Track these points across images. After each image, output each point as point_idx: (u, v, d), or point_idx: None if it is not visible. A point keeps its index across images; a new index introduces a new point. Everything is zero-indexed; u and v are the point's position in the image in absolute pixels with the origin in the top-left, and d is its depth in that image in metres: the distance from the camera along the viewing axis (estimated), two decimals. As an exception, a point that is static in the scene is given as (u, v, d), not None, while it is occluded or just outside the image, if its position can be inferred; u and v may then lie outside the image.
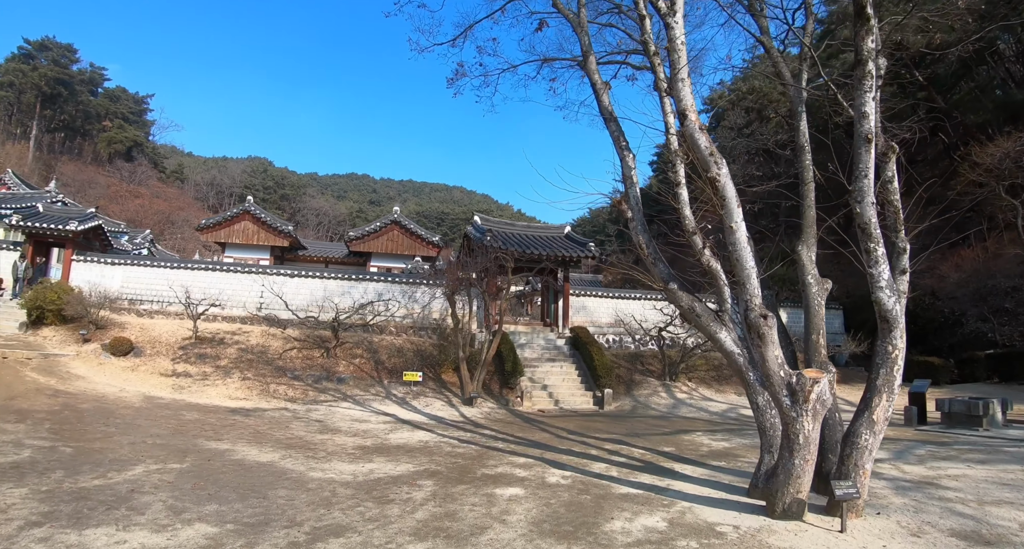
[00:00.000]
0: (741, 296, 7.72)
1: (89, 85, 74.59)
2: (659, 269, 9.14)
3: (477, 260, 20.12)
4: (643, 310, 25.87)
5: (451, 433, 14.38)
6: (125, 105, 76.00)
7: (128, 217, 57.71)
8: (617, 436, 14.38)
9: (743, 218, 7.54)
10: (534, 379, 21.09)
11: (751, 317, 7.43)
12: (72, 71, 70.69)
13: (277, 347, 22.37)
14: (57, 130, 71.92)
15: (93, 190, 61.63)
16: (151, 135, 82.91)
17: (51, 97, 67.05)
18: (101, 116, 74.35)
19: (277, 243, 32.37)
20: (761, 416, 8.59)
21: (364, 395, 19.20)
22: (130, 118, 75.07)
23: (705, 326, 8.69)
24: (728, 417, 18.80)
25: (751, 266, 7.60)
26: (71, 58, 70.61)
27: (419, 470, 10.23)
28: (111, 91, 76.63)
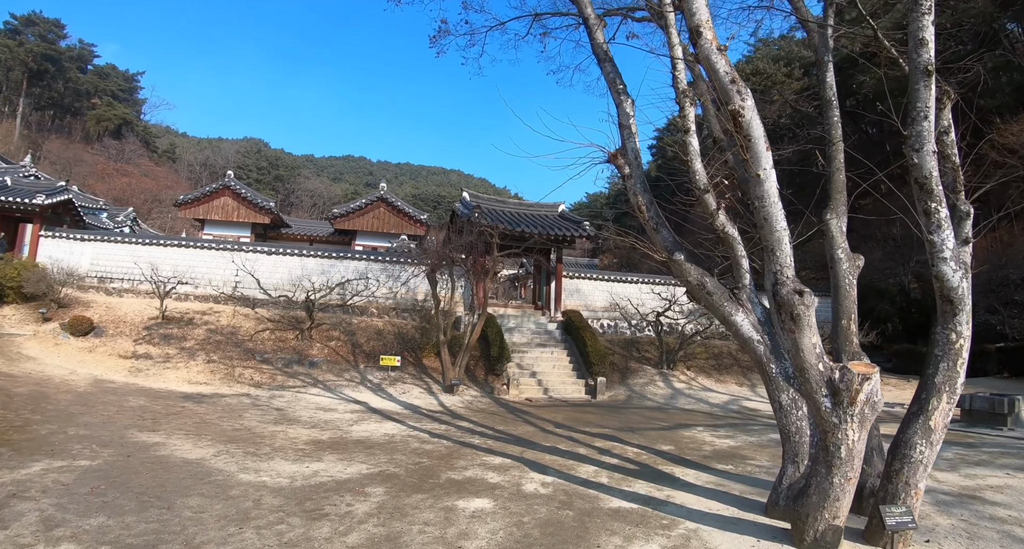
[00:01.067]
0: (769, 266, 5.97)
1: (78, 62, 72.02)
2: (661, 236, 7.38)
3: (463, 237, 18.36)
4: (640, 294, 24.14)
5: (424, 425, 12.69)
6: (115, 82, 73.41)
7: (115, 196, 55.76)
8: (609, 431, 12.70)
9: (772, 165, 5.76)
10: (522, 365, 19.40)
11: (782, 293, 5.70)
12: (60, 47, 68.15)
13: (249, 328, 20.68)
14: (46, 108, 69.62)
15: (79, 168, 59.51)
16: (142, 114, 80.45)
17: (38, 73, 64.67)
18: (91, 94, 71.96)
19: (258, 220, 30.56)
20: (785, 418, 6.87)
21: (336, 381, 17.50)
22: (119, 96, 72.54)
23: (717, 306, 6.96)
24: (730, 410, 17.13)
25: (782, 227, 5.85)
26: (59, 34, 68.07)
27: (373, 473, 8.53)
28: (100, 68, 74.03)
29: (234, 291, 22.97)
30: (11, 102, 65.10)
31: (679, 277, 7.22)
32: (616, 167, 7.87)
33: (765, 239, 5.84)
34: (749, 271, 7.15)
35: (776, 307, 5.79)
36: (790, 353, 5.83)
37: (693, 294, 7.21)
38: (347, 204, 32.26)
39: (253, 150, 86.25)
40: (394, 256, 23.14)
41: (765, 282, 6.12)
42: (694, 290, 7.15)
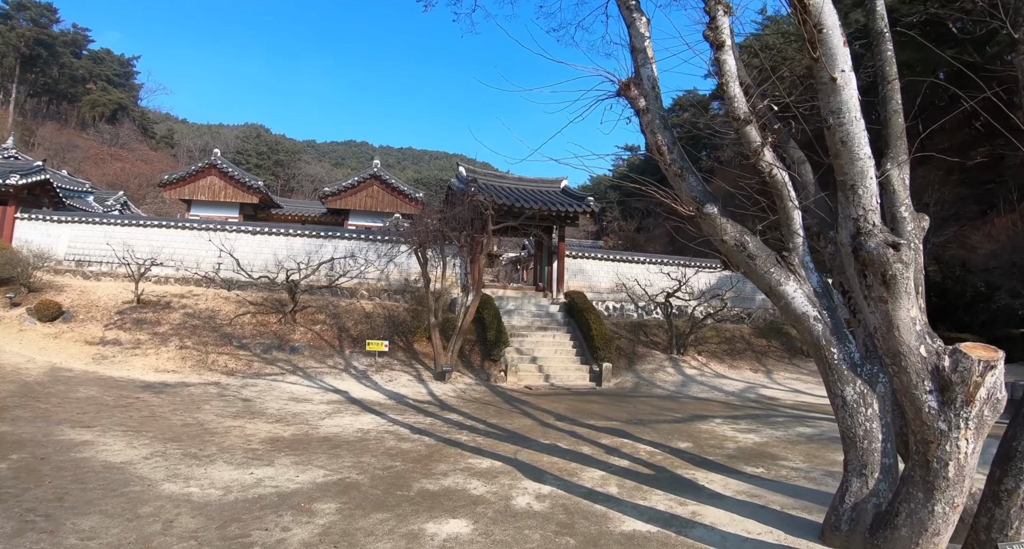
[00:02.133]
0: (847, 209, 4.27)
1: (72, 47, 69.92)
2: (688, 184, 5.68)
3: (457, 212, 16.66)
4: (648, 274, 22.41)
5: (406, 418, 11.07)
6: (110, 67, 71.25)
7: (109, 181, 54.15)
8: (617, 424, 11.05)
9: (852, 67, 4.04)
10: (522, 350, 17.75)
11: (869, 246, 4.01)
12: (53, 32, 65.98)
13: (228, 312, 19.07)
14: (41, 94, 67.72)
15: (73, 153, 57.89)
16: (139, 99, 78.48)
17: (31, 59, 62.66)
18: (86, 80, 70.07)
19: (246, 200, 28.88)
20: (849, 418, 5.20)
21: (318, 367, 15.89)
22: (115, 80, 70.43)
23: (761, 273, 5.28)
24: (747, 398, 15.47)
25: (866, 153, 4.15)
26: (51, 18, 65.84)
27: (330, 481, 6.90)
28: (95, 53, 71.85)
29: (216, 273, 21.35)
30: (5, 88, 63.27)
31: (712, 236, 5.53)
32: (629, 100, 6.15)
33: (842, 171, 4.14)
34: (802, 228, 5.45)
35: (858, 267, 4.10)
36: (879, 331, 4.14)
37: (729, 258, 5.52)
38: (339, 183, 30.52)
39: (252, 135, 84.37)
40: (386, 235, 21.44)
41: (838, 233, 4.42)
42: (731, 253, 5.45)
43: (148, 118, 78.91)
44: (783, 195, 5.35)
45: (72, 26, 70.96)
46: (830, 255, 6.41)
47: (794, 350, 22.30)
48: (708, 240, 5.83)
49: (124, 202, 40.32)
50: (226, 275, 20.86)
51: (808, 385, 18.11)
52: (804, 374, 19.93)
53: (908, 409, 4.12)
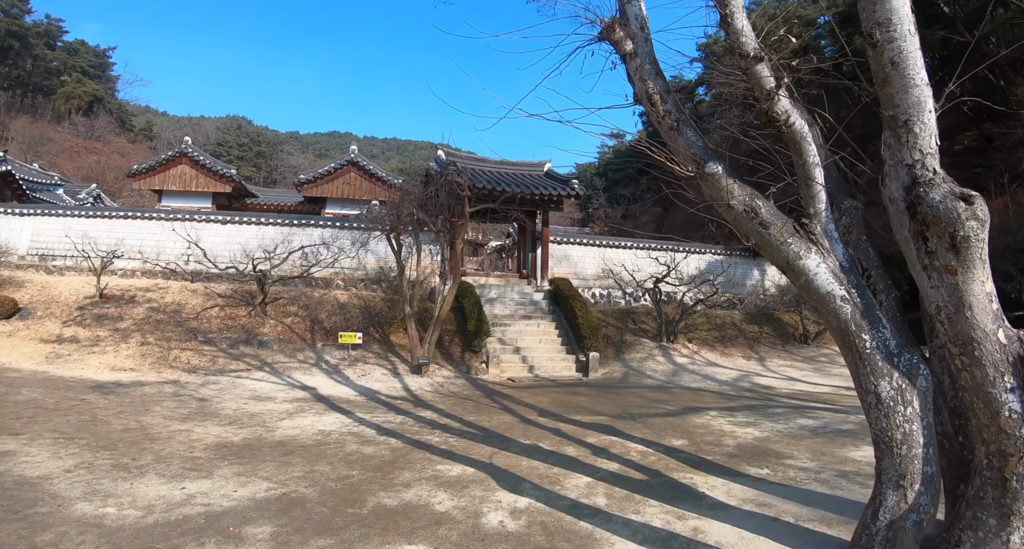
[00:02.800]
0: (898, 153, 3.29)
1: (46, 38, 67.66)
2: (686, 138, 4.70)
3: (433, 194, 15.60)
4: (635, 259, 21.48)
5: (375, 416, 10.06)
6: (84, 58, 68.94)
7: (84, 174, 52.43)
8: (605, 419, 10.11)
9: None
10: (504, 340, 16.77)
11: (932, 199, 3.05)
12: (25, 23, 63.67)
13: (195, 305, 17.93)
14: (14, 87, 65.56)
15: (48, 147, 56.01)
16: (116, 91, 76.27)
17: (2, 51, 60.51)
18: (60, 72, 67.94)
19: (219, 189, 27.59)
20: (885, 418, 4.25)
21: (287, 362, 14.83)
22: (90, 72, 68.19)
23: (776, 245, 4.31)
24: (742, 388, 14.60)
25: (922, 80, 3.17)
26: (23, 9, 63.52)
27: (272, 497, 5.89)
28: (70, 44, 69.44)
29: (185, 265, 20.18)
30: (-25, 81, 61.14)
31: (715, 201, 4.55)
32: (613, 45, 5.13)
33: (892, 103, 3.16)
34: (825, 190, 4.48)
35: (915, 228, 3.14)
36: (944, 311, 3.19)
37: (737, 227, 4.55)
38: (315, 170, 29.26)
39: (233, 126, 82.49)
40: (362, 222, 20.33)
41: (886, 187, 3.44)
42: (739, 221, 4.48)
43: (126, 110, 76.77)
44: (803, 149, 4.37)
45: (45, 17, 68.73)
46: (844, 228, 5.46)
47: (786, 336, 21.50)
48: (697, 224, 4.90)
49: (97, 195, 38.80)
50: (196, 267, 19.69)
51: (803, 372, 17.29)
52: (798, 361, 19.12)
53: (979, 412, 3.18)
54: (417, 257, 15.55)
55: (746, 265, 24.19)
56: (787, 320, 22.74)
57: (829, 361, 19.57)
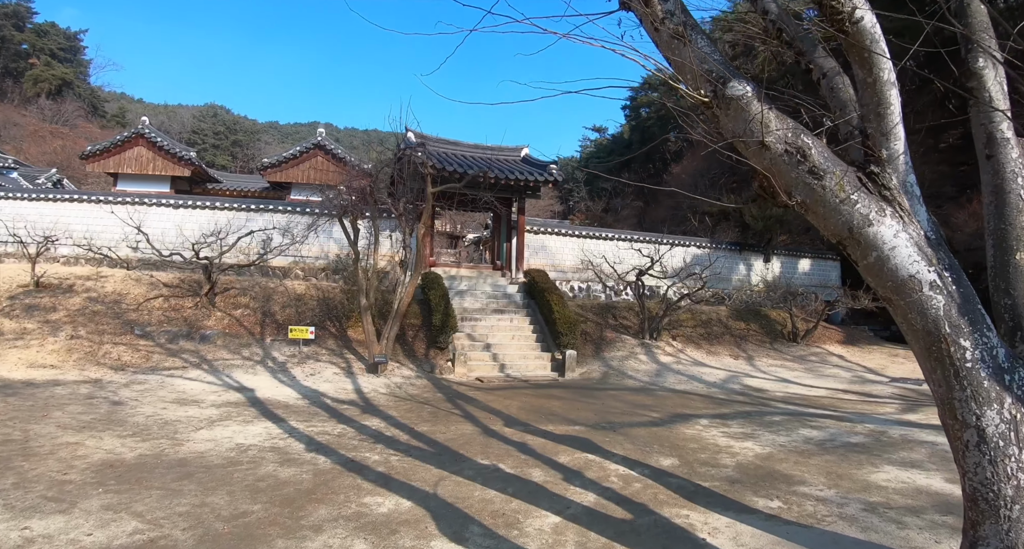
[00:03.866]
0: None
1: (14, 19, 64.66)
2: (697, 50, 3.17)
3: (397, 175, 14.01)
4: (617, 251, 20.05)
5: (312, 426, 8.47)
6: (54, 41, 65.78)
7: (49, 158, 49.98)
8: (581, 429, 8.62)
9: None
10: (474, 336, 15.23)
11: None
12: (-9, 4, 61.02)
13: (138, 295, 16.16)
14: (-20, 71, 62.68)
15: (13, 131, 53.47)
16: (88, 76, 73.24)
17: (-35, 31, 57.62)
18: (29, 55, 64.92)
19: (178, 173, 25.64)
20: (990, 465, 2.79)
21: (230, 359, 13.16)
22: (59, 55, 65.06)
23: (834, 204, 2.83)
24: (732, 390, 13.21)
25: None
26: (-14, -10, 60.80)
27: (131, 545, 4.31)
28: (39, 26, 66.24)
29: (134, 252, 18.34)
30: (-62, 64, 58.07)
31: (741, 136, 3.04)
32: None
33: None
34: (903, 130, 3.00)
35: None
36: None
37: (778, 177, 3.05)
38: (279, 154, 27.41)
39: (208, 114, 79.76)
40: (324, 207, 18.67)
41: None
42: (778, 167, 2.98)
43: (98, 96, 73.81)
44: (872, 61, 2.87)
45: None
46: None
47: (775, 334, 20.22)
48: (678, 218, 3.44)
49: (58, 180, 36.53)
50: (146, 255, 17.88)
51: (795, 373, 15.98)
52: (788, 360, 17.83)
53: None
54: (375, 243, 13.93)
55: (731, 258, 22.90)
56: (775, 317, 21.47)
57: (820, 361, 18.33)
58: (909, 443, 8.58)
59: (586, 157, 64.66)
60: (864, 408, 11.69)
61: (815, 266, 25.85)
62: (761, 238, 23.79)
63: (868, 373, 17.27)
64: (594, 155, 62.43)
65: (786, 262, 24.93)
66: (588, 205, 49.93)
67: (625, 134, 60.47)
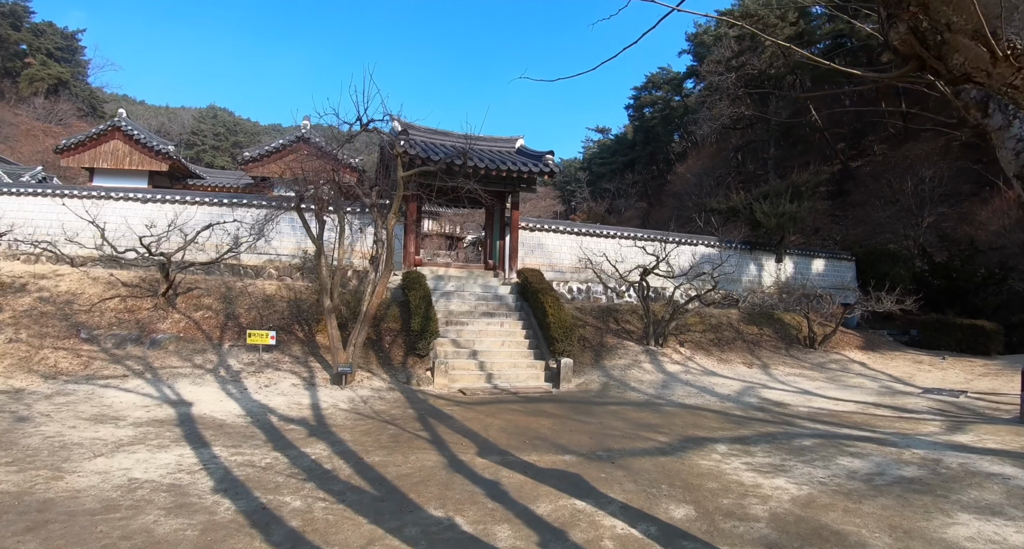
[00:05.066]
0: None
1: (11, 18, 63.54)
2: None
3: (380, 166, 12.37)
4: (619, 249, 18.34)
5: (238, 454, 6.79)
6: (51, 40, 64.50)
7: (41, 157, 48.72)
8: (572, 460, 6.92)
9: None
10: (459, 342, 13.54)
11: None
12: (-15, 1, 59.85)
13: (93, 295, 14.58)
14: (-24, 70, 61.56)
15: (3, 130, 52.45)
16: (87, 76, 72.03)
17: (-40, 30, 56.40)
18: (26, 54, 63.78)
19: (156, 167, 24.10)
20: None
21: (178, 368, 11.50)
22: (56, 54, 63.71)
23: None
24: (749, 405, 11.46)
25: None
26: (-18, -13, 59.65)
27: None
28: (36, 25, 64.99)
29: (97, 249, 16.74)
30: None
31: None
32: None
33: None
34: None
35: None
36: None
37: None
38: (261, 147, 25.81)
39: (208, 115, 78.56)
40: (285, 199, 17.11)
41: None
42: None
43: (97, 96, 72.53)
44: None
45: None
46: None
47: (789, 339, 18.48)
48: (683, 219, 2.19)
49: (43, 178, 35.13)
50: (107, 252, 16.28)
51: (816, 384, 14.24)
52: (806, 369, 16.07)
53: None
54: (340, 236, 12.27)
55: (742, 258, 21.15)
56: (789, 321, 19.73)
57: (841, 369, 16.57)
58: (975, 477, 6.86)
59: (589, 158, 62.99)
60: (903, 427, 9.96)
61: (829, 266, 24.09)
62: (773, 237, 22.03)
63: (895, 383, 15.50)
64: (597, 156, 60.80)
65: (799, 262, 23.18)
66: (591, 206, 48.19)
67: (629, 134, 58.81)
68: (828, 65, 2.41)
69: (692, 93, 52.51)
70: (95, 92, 73.23)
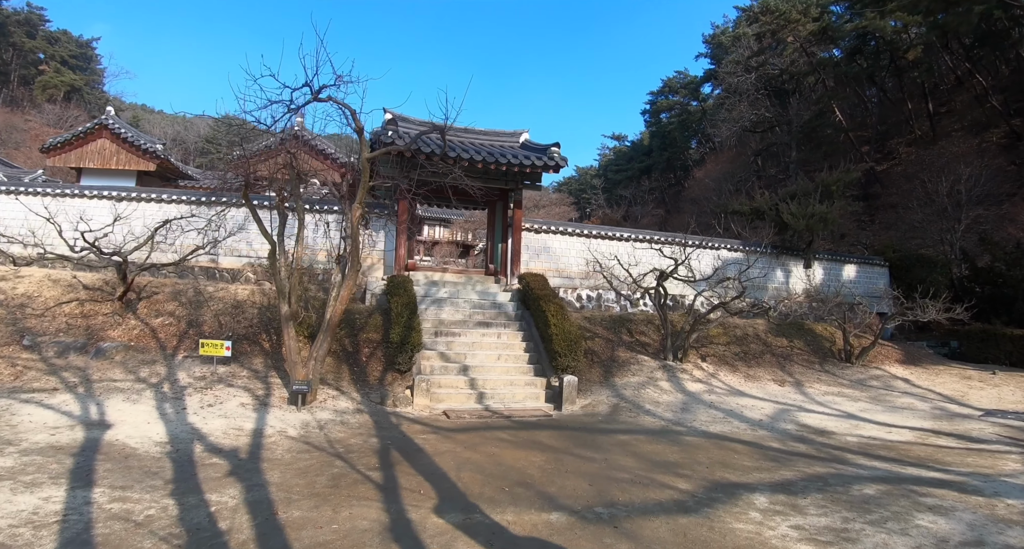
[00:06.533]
0: None
1: (26, 26, 63.56)
2: None
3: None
4: (633, 251, 16.50)
5: (119, 500, 5.07)
6: (65, 48, 64.26)
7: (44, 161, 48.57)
8: (560, 519, 5.10)
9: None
10: (448, 356, 11.77)
11: None
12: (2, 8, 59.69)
13: (50, 298, 13.09)
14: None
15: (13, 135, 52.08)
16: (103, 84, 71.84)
17: (-27, 37, 56.29)
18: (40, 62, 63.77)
19: (144, 167, 22.82)
20: None
21: (118, 381, 9.86)
22: (70, 62, 63.38)
23: None
24: (786, 433, 9.52)
25: None
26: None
27: None
28: (51, 33, 64.93)
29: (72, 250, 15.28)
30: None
31: None
32: None
33: None
34: None
35: None
36: None
37: None
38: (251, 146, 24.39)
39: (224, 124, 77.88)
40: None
41: None
42: None
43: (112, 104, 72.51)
44: None
45: (27, 4, 64.51)
46: None
47: (823, 352, 16.47)
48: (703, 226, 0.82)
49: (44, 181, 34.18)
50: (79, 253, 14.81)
51: (859, 405, 12.23)
52: (845, 386, 14.08)
53: None
54: (299, 229, 10.61)
55: (767, 264, 19.13)
56: (821, 332, 17.72)
57: (884, 387, 14.55)
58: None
59: (604, 165, 61.19)
60: (979, 463, 8.02)
61: (861, 273, 21.98)
62: (801, 240, 20.01)
63: (948, 403, 13.45)
64: (613, 163, 58.99)
65: (829, 268, 21.12)
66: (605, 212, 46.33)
67: (645, 141, 56.93)
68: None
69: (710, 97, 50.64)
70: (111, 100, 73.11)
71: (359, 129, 9.18)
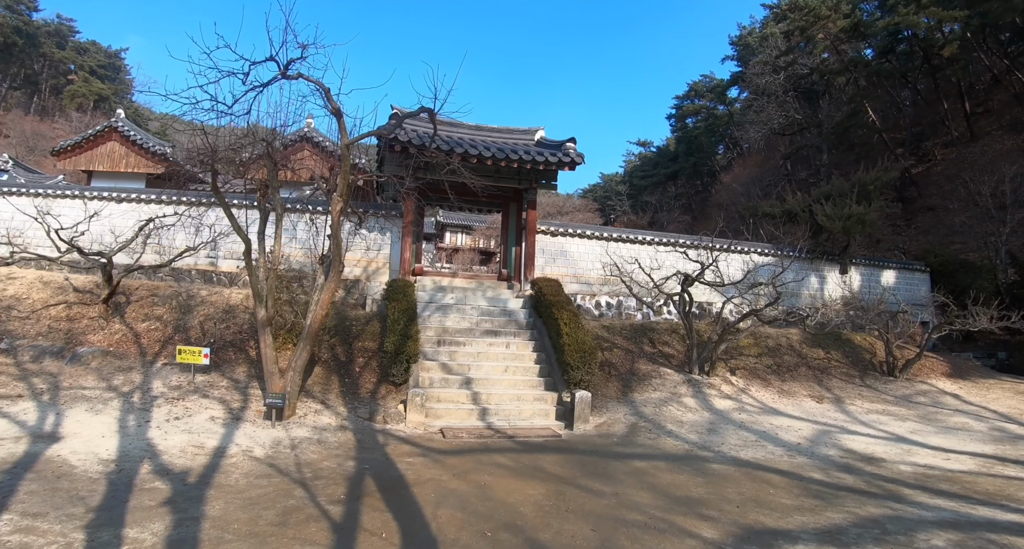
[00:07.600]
0: None
1: (55, 37, 64.83)
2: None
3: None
4: (655, 254, 15.31)
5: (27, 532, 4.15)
6: (94, 58, 65.27)
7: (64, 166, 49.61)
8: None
9: None
10: (451, 367, 10.74)
11: None
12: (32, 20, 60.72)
13: (38, 300, 12.49)
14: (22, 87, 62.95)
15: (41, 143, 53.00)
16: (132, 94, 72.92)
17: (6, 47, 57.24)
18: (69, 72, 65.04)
19: (153, 170, 22.39)
20: None
21: (87, 389, 9.04)
22: (98, 72, 64.51)
23: None
24: (829, 461, 8.26)
25: None
26: (30, 6, 60.61)
27: None
28: (79, 44, 66.14)
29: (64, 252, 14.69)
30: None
31: None
32: None
33: None
34: None
35: None
36: None
37: None
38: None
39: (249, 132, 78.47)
40: (297, 203, 14.83)
41: None
42: None
43: (141, 114, 73.42)
44: None
45: (56, 16, 65.89)
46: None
47: (863, 365, 15.08)
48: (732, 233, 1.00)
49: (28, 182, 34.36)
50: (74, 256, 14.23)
51: (908, 426, 10.87)
52: (890, 403, 12.70)
53: None
54: (278, 226, 9.71)
55: (801, 269, 17.75)
56: (859, 342, 16.33)
57: (932, 403, 13.12)
58: None
59: (630, 171, 59.82)
60: (1067, 504, 6.70)
61: (901, 279, 20.42)
62: (837, 244, 18.58)
63: (1006, 422, 11.98)
64: (638, 169, 57.60)
65: (866, 274, 19.62)
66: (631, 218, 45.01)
67: (671, 146, 55.46)
68: None
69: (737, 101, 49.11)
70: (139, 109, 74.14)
71: (335, 110, 8.25)
